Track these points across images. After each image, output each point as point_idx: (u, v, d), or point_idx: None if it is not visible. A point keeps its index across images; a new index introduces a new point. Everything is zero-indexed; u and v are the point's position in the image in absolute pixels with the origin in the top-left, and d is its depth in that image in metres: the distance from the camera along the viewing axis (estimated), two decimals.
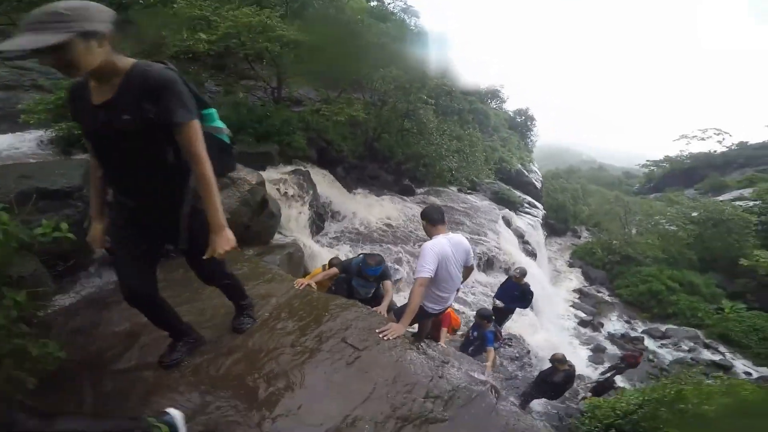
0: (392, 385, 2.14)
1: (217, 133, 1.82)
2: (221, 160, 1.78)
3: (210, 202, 1.56)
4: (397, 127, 13.57)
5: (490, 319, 5.37)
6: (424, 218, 2.84)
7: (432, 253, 2.60)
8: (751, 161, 31.89)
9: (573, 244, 22.15)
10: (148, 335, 2.22)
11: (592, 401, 5.96)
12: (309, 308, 2.69)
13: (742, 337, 13.87)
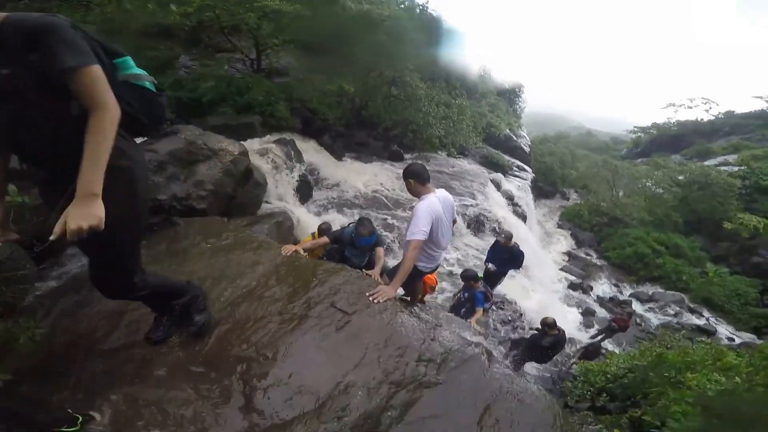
0: (384, 349, 2.08)
1: (137, 80, 1.57)
2: (149, 110, 1.59)
3: (91, 158, 1.24)
4: (384, 93, 13.27)
5: (476, 279, 5.41)
6: (412, 177, 2.72)
7: (426, 214, 2.53)
8: (737, 129, 32.53)
9: (562, 206, 22.37)
10: (133, 312, 2.17)
11: (583, 365, 6.04)
12: (296, 274, 2.60)
13: (725, 302, 14.33)
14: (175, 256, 2.75)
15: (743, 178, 19.03)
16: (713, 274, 15.60)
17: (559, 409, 2.25)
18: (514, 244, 6.54)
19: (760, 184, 18.68)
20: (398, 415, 1.89)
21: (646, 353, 4.92)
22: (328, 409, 1.77)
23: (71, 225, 1.20)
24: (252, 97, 9.34)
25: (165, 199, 6.43)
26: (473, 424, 1.95)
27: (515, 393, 2.17)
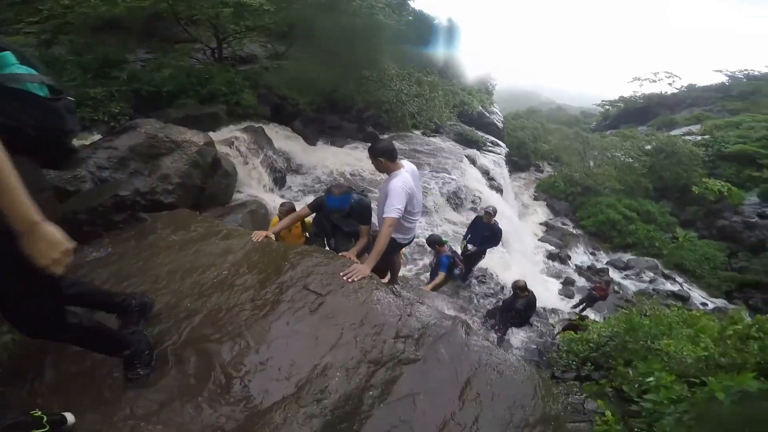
0: (360, 328, 2.02)
1: (17, 83, 1.20)
2: (37, 120, 1.22)
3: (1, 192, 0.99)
4: (355, 75, 13.00)
5: (441, 243, 5.43)
6: (382, 155, 2.70)
7: (402, 191, 2.56)
8: (699, 101, 33.83)
9: (536, 178, 22.88)
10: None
11: (566, 335, 6.05)
12: (268, 260, 2.53)
13: (696, 267, 15.01)
14: (143, 251, 2.67)
15: (706, 147, 19.96)
16: (683, 239, 16.29)
17: (540, 379, 2.24)
18: (495, 221, 6.52)
19: (722, 152, 19.58)
20: (380, 394, 1.86)
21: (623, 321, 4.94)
22: (306, 392, 1.74)
23: (44, 260, 1.06)
24: (215, 86, 9.16)
25: (127, 195, 6.13)
26: (455, 399, 1.93)
27: (494, 365, 2.16)
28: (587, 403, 3.71)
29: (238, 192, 7.84)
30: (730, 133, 21.25)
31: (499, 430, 1.89)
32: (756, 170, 17.67)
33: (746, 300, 13.33)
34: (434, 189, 11.20)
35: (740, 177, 17.90)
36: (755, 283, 13.99)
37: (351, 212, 2.99)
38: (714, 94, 34.36)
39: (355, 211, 3.00)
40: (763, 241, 14.95)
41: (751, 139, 19.72)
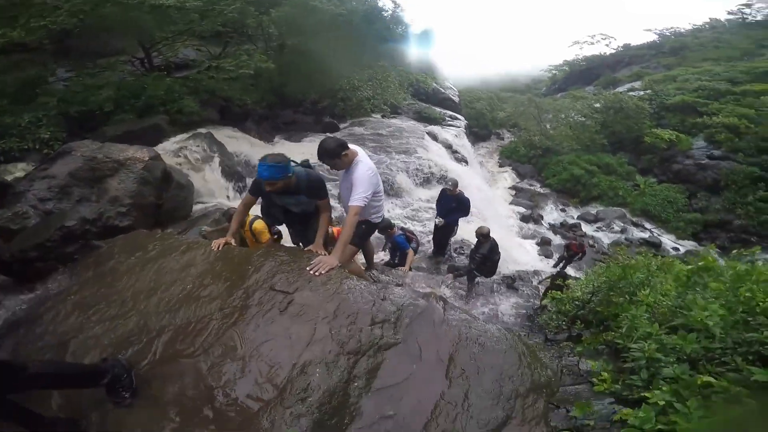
0: (334, 320, 1.94)
1: None
2: None
3: None
4: (303, 68, 12.65)
5: (391, 226, 5.44)
6: (342, 150, 2.64)
7: (368, 178, 2.57)
8: (636, 59, 36.28)
9: (499, 146, 23.30)
10: (75, 341, 2.13)
11: (552, 295, 6.21)
12: (232, 267, 2.47)
13: (661, 211, 15.72)
14: (103, 278, 2.65)
15: (650, 100, 21.05)
16: (644, 185, 17.03)
17: (523, 346, 2.22)
18: (460, 192, 6.58)
19: (664, 103, 20.66)
20: (365, 384, 1.81)
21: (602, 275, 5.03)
22: (289, 393, 1.70)
23: None
24: (151, 97, 8.66)
25: (74, 225, 5.77)
26: (442, 379, 1.89)
27: (475, 338, 2.10)
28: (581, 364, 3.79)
29: (199, 203, 7.53)
30: (668, 86, 22.52)
31: (490, 403, 1.86)
32: (698, 117, 18.77)
33: (713, 240, 13.86)
34: (401, 169, 11.16)
35: (685, 125, 18.90)
36: (718, 222, 14.84)
37: (298, 188, 2.63)
38: (648, 52, 37.04)
39: (303, 186, 2.64)
40: (717, 180, 15.84)
41: (689, 90, 20.99)
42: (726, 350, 2.13)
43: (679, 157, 17.44)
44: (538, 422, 1.88)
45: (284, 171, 2.47)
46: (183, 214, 7.06)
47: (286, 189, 2.59)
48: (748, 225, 14.22)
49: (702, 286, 3.23)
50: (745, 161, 15.81)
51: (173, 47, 10.19)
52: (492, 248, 5.90)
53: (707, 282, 3.03)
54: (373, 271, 3.98)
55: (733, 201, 15.06)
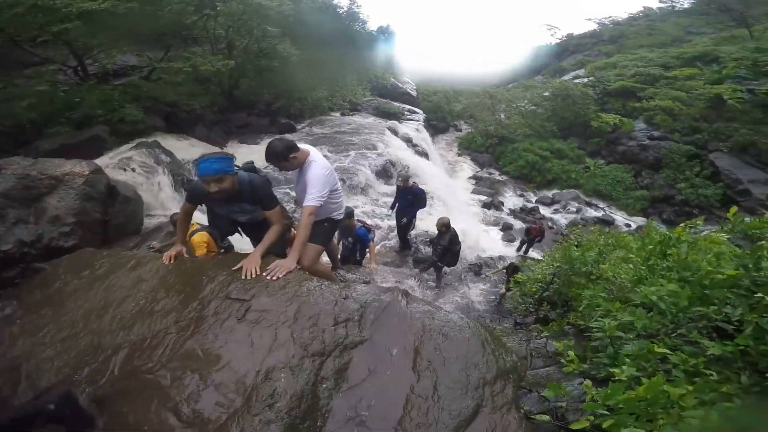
0: (295, 324, 1.89)
1: None
2: None
3: None
4: (254, 68, 12.27)
5: (351, 216, 5.27)
6: (290, 153, 2.55)
7: (324, 176, 2.50)
8: (579, 48, 38.73)
9: (457, 137, 23.88)
10: (28, 365, 2.06)
11: (515, 278, 6.08)
12: (185, 279, 2.39)
13: (611, 190, 16.78)
14: (50, 300, 2.57)
15: (593, 87, 22.38)
16: (594, 167, 18.12)
17: (486, 333, 2.21)
18: (414, 184, 6.58)
19: (606, 89, 22.03)
20: (334, 384, 1.79)
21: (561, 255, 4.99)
22: (255, 400, 1.66)
23: None
24: (88, 107, 8.06)
25: (10, 248, 5.25)
26: (410, 372, 1.87)
27: (438, 328, 2.09)
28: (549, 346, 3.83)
29: (150, 216, 7.15)
30: (609, 72, 23.96)
31: (459, 393, 1.86)
32: (637, 101, 20.17)
33: (660, 214, 15.21)
34: (363, 165, 11.13)
35: (626, 109, 20.28)
36: (663, 197, 16.02)
37: (241, 195, 2.39)
38: (590, 41, 39.45)
39: (246, 192, 2.39)
40: (658, 158, 17.09)
41: (627, 76, 22.39)
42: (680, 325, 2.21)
43: (623, 139, 18.63)
44: (509, 409, 1.89)
45: (225, 168, 2.23)
46: (133, 228, 6.69)
47: (229, 196, 2.34)
48: (689, 199, 15.35)
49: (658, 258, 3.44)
50: (681, 140, 17.11)
51: (110, 54, 9.52)
52: (452, 238, 5.98)
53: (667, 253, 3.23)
54: (339, 270, 3.93)
55: (673, 177, 16.24)
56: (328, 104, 14.34)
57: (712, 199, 14.90)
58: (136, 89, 9.19)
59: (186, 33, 10.11)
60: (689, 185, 15.68)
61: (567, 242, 6.00)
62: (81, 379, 1.87)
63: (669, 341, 2.12)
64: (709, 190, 15.13)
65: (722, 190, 14.90)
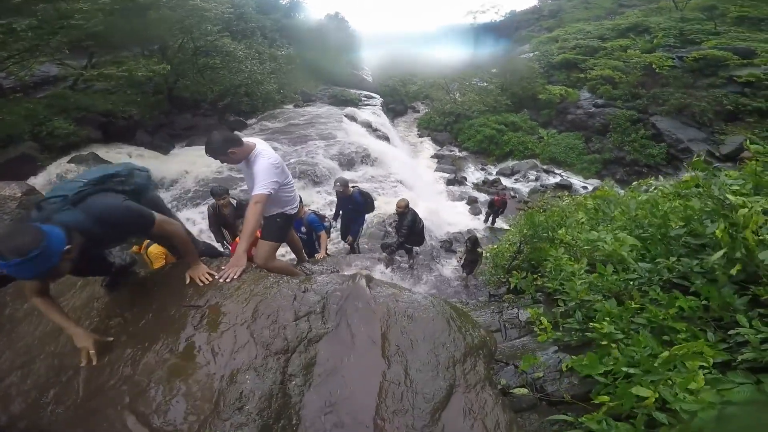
0: (253, 323, 1.83)
1: None
2: None
3: None
4: (194, 67, 11.61)
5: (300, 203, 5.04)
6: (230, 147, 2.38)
7: (271, 165, 2.37)
8: (522, 24, 40.38)
9: (415, 118, 24.14)
10: None
11: (490, 249, 6.11)
12: (139, 291, 2.31)
13: (565, 157, 17.76)
14: (2, 327, 2.52)
15: (539, 61, 23.36)
16: (547, 136, 19.05)
17: (451, 310, 2.16)
18: (354, 191, 5.78)
19: (551, 62, 22.94)
20: (303, 380, 1.75)
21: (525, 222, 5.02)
22: (223, 405, 1.63)
23: None
24: (9, 125, 7.32)
25: None
26: (379, 359, 1.84)
27: (403, 311, 2.03)
28: (521, 315, 3.75)
29: None
30: (552, 46, 24.95)
31: (431, 375, 1.82)
32: (580, 72, 21.27)
33: (613, 175, 16.27)
34: (323, 156, 10.93)
35: (570, 80, 21.31)
36: (614, 159, 17.15)
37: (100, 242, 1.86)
38: (531, 16, 41.04)
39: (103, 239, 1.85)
40: (605, 124, 18.23)
41: (569, 49, 23.43)
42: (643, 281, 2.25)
43: (571, 108, 19.65)
44: (483, 386, 1.84)
45: (53, 246, 1.53)
46: None
47: None
48: (637, 159, 16.52)
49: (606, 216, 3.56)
50: (623, 106, 18.34)
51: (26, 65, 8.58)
52: (414, 218, 5.90)
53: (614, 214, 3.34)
54: (305, 264, 3.84)
55: (621, 141, 17.35)
56: (279, 97, 13.89)
57: (658, 158, 16.08)
58: (63, 100, 8.46)
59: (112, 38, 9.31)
60: (636, 147, 16.77)
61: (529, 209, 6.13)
62: (49, 401, 1.84)
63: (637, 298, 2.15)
64: (654, 150, 16.30)
65: (665, 150, 16.12)
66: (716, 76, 17.01)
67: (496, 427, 1.69)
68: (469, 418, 1.70)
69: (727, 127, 15.64)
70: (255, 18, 16.95)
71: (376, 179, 11.64)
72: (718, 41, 18.70)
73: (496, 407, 1.77)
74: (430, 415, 1.68)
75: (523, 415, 2.11)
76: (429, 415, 1.68)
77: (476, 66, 24.74)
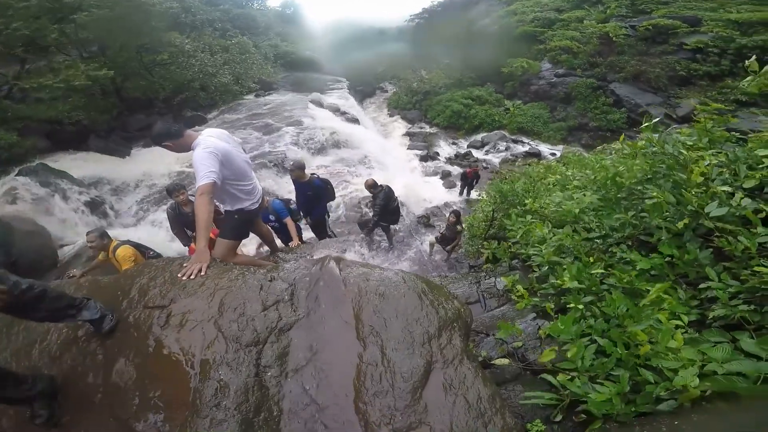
0: (220, 318, 1.78)
1: None
2: None
3: None
4: (140, 66, 10.98)
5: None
6: (166, 140, 2.30)
7: (206, 155, 2.19)
8: None
9: (385, 99, 24.15)
10: None
11: (465, 220, 6.19)
12: (102, 297, 2.16)
13: (532, 126, 18.30)
14: None
15: (499, 34, 23.26)
16: (513, 108, 19.48)
17: (423, 284, 2.10)
18: (311, 176, 5.26)
19: (513, 35, 22.96)
20: (279, 371, 1.72)
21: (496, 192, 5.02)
22: (201, 402, 1.60)
23: None
24: None
25: None
26: (355, 342, 1.80)
27: (374, 289, 1.98)
28: (498, 283, 3.72)
29: (64, 245, 6.42)
30: (511, 20, 25.00)
31: (407, 353, 1.78)
32: (539, 44, 21.54)
33: (579, 141, 16.98)
34: (290, 143, 10.72)
35: (531, 51, 21.53)
36: (578, 126, 17.75)
37: None
38: None
39: None
40: (567, 93, 18.73)
41: (527, 22, 23.59)
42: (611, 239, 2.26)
43: (534, 79, 20.08)
44: (461, 360, 1.80)
45: None
46: (49, 263, 6.07)
47: None
48: (600, 125, 17.21)
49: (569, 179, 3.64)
50: (583, 75, 18.94)
51: None
52: (387, 196, 5.81)
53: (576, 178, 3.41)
54: (278, 253, 3.75)
55: (583, 108, 18.01)
56: (237, 88, 13.42)
57: (620, 123, 16.76)
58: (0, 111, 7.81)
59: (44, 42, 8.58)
60: (598, 113, 17.46)
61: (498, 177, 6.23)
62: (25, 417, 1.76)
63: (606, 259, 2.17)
64: (615, 115, 17.02)
65: (626, 115, 16.84)
66: (667, 43, 17.82)
67: (478, 401, 1.67)
68: (450, 394, 1.68)
69: (681, 91, 16.50)
70: (203, 9, 16.22)
71: (348, 162, 11.59)
72: (668, 10, 19.51)
73: (477, 381, 1.74)
74: (411, 395, 1.65)
75: (507, 387, 2.08)
76: (410, 395, 1.65)
77: (440, 43, 24.76)
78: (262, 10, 25.66)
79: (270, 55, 17.54)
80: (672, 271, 1.89)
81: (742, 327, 1.55)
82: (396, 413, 1.60)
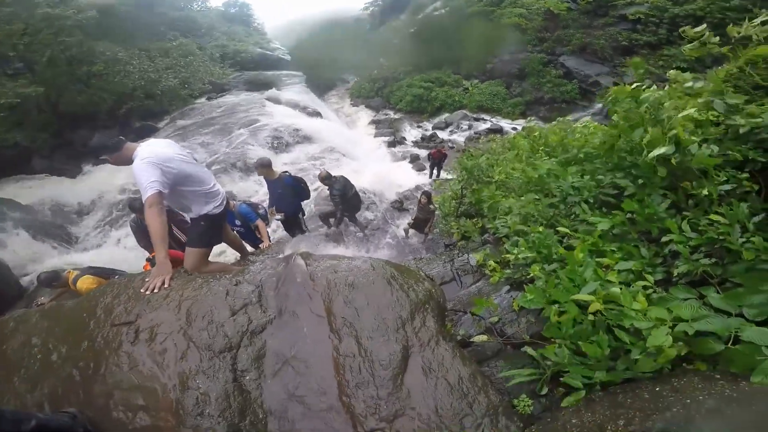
0: (189, 328, 1.75)
1: None
2: None
3: None
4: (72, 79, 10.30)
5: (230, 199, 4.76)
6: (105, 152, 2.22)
7: (146, 166, 2.09)
8: None
9: (346, 89, 24.05)
10: None
11: (435, 199, 6.22)
12: (68, 323, 2.14)
13: (491, 104, 18.84)
14: None
15: (451, 16, 23.45)
16: (471, 87, 19.97)
17: (391, 269, 2.09)
18: (282, 174, 5.07)
19: (465, 15, 22.88)
20: (257, 374, 1.72)
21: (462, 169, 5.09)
22: (183, 413, 1.58)
23: None
24: None
25: None
26: (328, 335, 1.79)
27: (342, 280, 1.96)
28: (471, 260, 3.70)
29: (26, 275, 6.20)
30: (461, 2, 24.89)
31: (383, 340, 1.76)
32: (490, 23, 21.57)
33: (537, 114, 17.44)
34: (250, 143, 10.45)
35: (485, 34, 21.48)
36: (535, 100, 18.37)
37: None
38: None
39: None
40: (521, 69, 19.31)
41: (476, 2, 23.54)
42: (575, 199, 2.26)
43: (488, 58, 20.48)
44: (437, 341, 1.79)
45: None
46: (13, 293, 5.96)
47: None
48: (555, 97, 17.89)
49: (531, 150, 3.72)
50: (533, 50, 19.55)
51: None
52: (344, 185, 5.72)
53: None
54: (249, 257, 3.68)
55: (537, 82, 18.65)
56: (186, 92, 12.86)
57: (573, 94, 17.50)
58: None
59: None
60: (551, 87, 18.12)
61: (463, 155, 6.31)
62: None
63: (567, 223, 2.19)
64: (568, 86, 17.71)
65: (577, 86, 17.56)
66: (608, 15, 18.57)
67: (459, 381, 1.66)
68: (431, 377, 1.67)
69: (627, 60, 17.21)
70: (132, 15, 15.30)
71: (315, 156, 11.38)
72: None
73: (455, 361, 1.73)
74: (392, 382, 1.65)
75: (489, 364, 2.06)
76: (391, 382, 1.65)
77: (395, 30, 25.13)
78: (203, 11, 24.72)
79: (216, 56, 16.90)
80: (634, 229, 1.89)
81: (706, 282, 1.57)
82: (380, 402, 1.61)
